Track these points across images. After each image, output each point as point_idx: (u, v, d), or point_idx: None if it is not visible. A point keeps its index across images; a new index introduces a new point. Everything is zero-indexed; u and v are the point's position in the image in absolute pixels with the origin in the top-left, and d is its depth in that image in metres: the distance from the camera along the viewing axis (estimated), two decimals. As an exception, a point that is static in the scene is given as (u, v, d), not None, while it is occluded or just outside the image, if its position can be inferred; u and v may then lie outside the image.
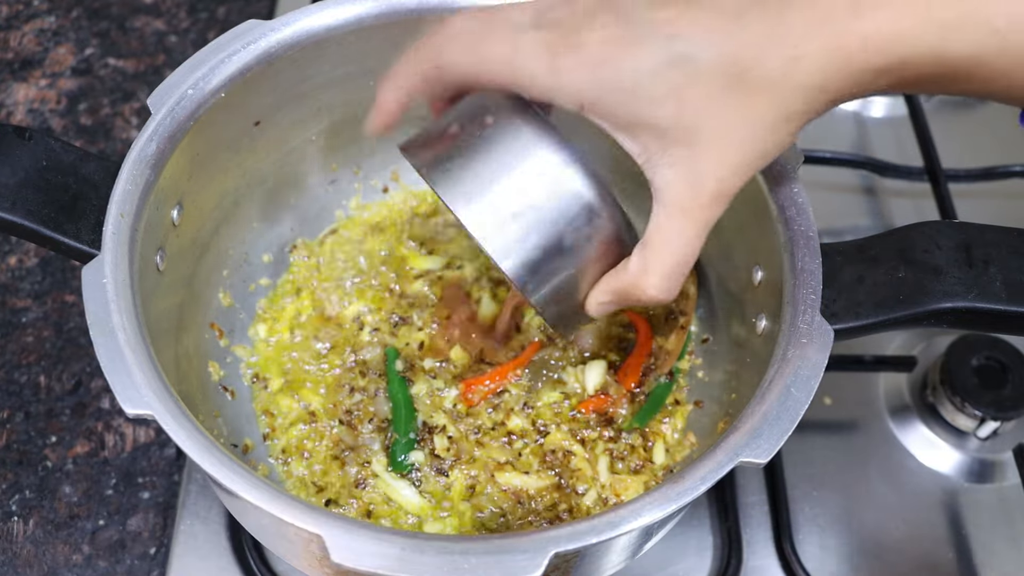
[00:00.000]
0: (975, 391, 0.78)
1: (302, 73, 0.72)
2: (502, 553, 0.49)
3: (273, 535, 0.62)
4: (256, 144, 0.74)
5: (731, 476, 0.75)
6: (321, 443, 0.73)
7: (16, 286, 0.89)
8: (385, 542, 0.49)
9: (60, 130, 1.01)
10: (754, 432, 0.54)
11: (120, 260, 0.57)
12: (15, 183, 0.58)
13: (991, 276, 0.59)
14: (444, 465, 0.71)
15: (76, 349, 0.85)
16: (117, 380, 0.52)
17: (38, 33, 1.09)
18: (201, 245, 0.72)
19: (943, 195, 0.91)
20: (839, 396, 0.83)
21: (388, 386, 0.75)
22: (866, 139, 1.02)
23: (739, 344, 0.71)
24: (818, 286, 0.59)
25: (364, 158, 0.84)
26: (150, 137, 0.62)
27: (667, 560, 0.74)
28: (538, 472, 0.71)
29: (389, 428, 0.73)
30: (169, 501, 0.78)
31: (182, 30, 1.11)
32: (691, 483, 0.52)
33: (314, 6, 0.70)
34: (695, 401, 0.76)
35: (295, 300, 0.80)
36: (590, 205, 0.54)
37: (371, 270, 0.82)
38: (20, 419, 0.82)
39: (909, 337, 0.87)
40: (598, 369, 0.76)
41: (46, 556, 0.75)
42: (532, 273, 0.55)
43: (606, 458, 0.72)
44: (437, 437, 0.72)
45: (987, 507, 0.78)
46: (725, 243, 0.74)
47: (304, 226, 0.83)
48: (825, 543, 0.76)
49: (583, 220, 0.54)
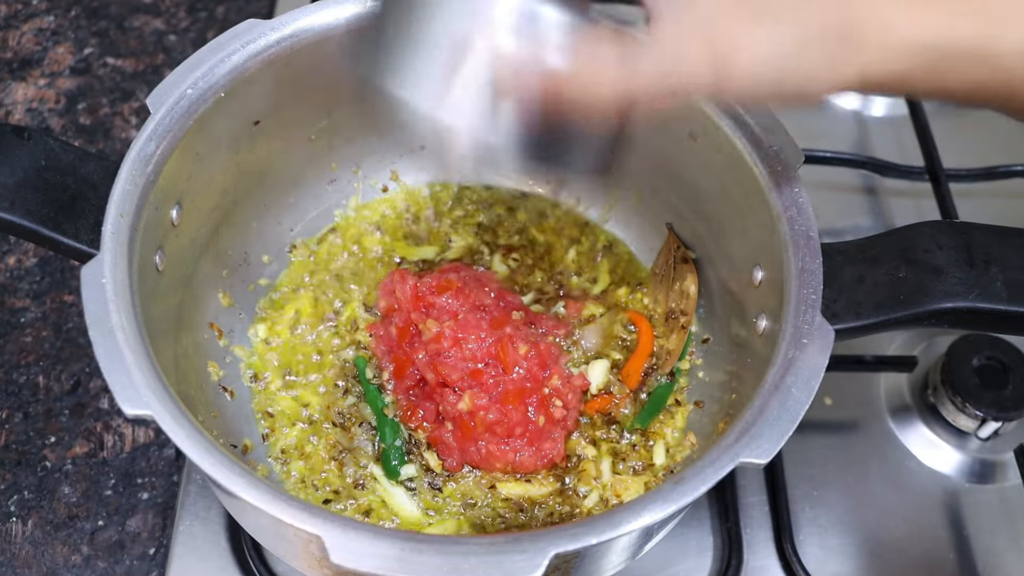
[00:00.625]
0: (976, 391, 0.78)
1: (301, 73, 0.72)
2: (502, 553, 0.49)
3: (272, 536, 0.61)
4: (255, 144, 0.73)
5: (732, 476, 0.74)
6: (320, 444, 0.72)
7: (15, 286, 0.89)
8: (384, 542, 0.49)
9: (59, 130, 1.01)
10: (755, 432, 0.54)
11: (119, 260, 0.57)
12: (14, 183, 0.58)
13: (992, 276, 0.59)
14: (438, 481, 0.71)
15: (75, 349, 0.85)
16: (116, 380, 0.52)
17: (37, 32, 1.09)
18: (200, 245, 0.72)
19: (944, 195, 0.91)
20: (840, 396, 0.83)
21: (365, 395, 0.75)
22: (867, 139, 1.02)
23: (740, 344, 0.71)
24: (819, 286, 0.59)
25: (363, 158, 0.84)
26: (149, 137, 0.62)
27: (667, 561, 0.73)
28: (541, 481, 0.71)
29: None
30: (168, 502, 0.78)
31: (181, 29, 1.11)
32: (691, 483, 0.52)
33: (313, 5, 0.70)
34: (696, 401, 0.75)
35: (294, 300, 0.80)
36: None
37: (370, 270, 0.82)
38: (19, 419, 0.81)
39: (910, 337, 0.87)
40: (601, 368, 0.76)
41: (45, 557, 0.75)
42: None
43: (609, 459, 0.72)
44: (428, 454, 0.72)
45: (988, 508, 0.78)
46: (726, 243, 0.73)
47: (303, 226, 0.83)
48: (826, 543, 0.76)
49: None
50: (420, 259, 0.83)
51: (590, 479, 0.71)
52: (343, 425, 0.74)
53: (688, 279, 0.78)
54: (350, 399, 0.75)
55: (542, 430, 0.70)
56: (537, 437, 0.70)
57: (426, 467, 0.72)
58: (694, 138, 0.71)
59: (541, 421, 0.70)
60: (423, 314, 0.73)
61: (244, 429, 0.72)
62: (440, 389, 0.71)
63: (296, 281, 0.81)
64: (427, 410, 0.73)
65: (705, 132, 0.69)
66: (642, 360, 0.77)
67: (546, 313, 0.79)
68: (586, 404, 0.75)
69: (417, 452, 0.72)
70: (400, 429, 0.73)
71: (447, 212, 0.86)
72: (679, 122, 0.71)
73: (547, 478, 0.71)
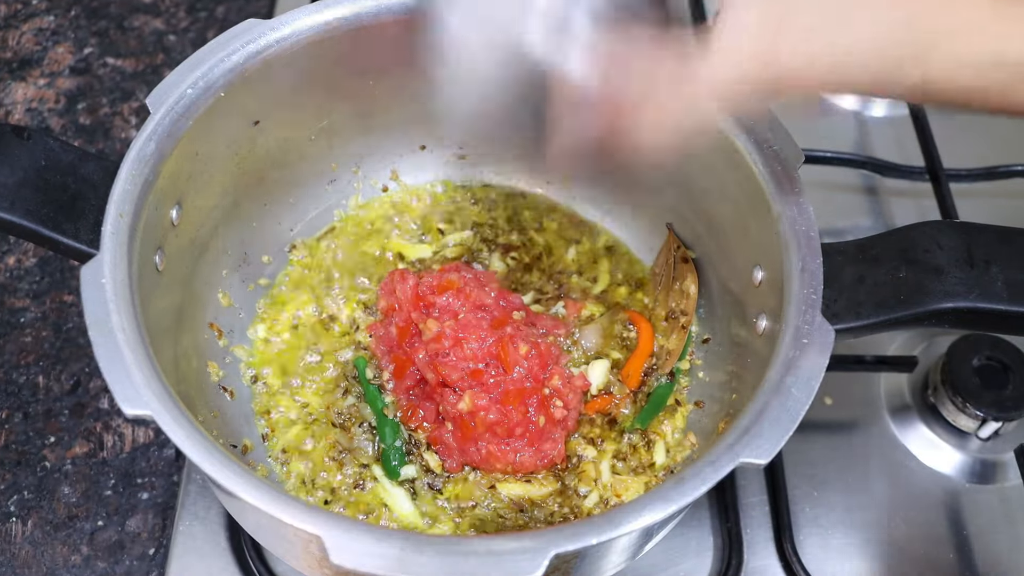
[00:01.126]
0: (976, 391, 0.78)
1: (301, 72, 0.71)
2: (502, 553, 0.49)
3: (272, 536, 0.61)
4: (255, 143, 0.73)
5: (732, 476, 0.74)
6: (320, 444, 0.72)
7: (15, 286, 0.89)
8: (384, 543, 0.49)
9: (59, 129, 1.01)
10: (755, 432, 0.54)
11: (119, 260, 0.57)
12: (14, 183, 0.58)
13: (992, 276, 0.59)
14: (438, 482, 0.71)
15: (75, 349, 0.85)
16: (116, 380, 0.52)
17: (37, 32, 1.09)
18: (200, 245, 0.72)
19: (944, 195, 0.91)
20: (840, 396, 0.83)
21: (365, 395, 0.75)
22: (867, 139, 1.02)
23: (740, 344, 0.71)
24: (819, 286, 0.59)
25: (363, 158, 0.84)
26: (149, 136, 0.62)
27: (668, 561, 0.73)
28: (541, 481, 0.71)
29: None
30: (168, 502, 0.78)
31: (181, 29, 1.11)
32: (691, 484, 0.52)
33: (313, 5, 0.70)
34: (696, 401, 0.75)
35: (294, 300, 0.79)
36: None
37: (370, 269, 0.82)
38: (19, 419, 0.81)
39: (910, 337, 0.87)
40: (601, 369, 0.76)
41: (45, 557, 0.75)
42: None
43: (609, 459, 0.72)
44: (428, 454, 0.72)
45: (988, 508, 0.78)
46: (726, 243, 0.73)
47: (303, 226, 0.83)
48: (826, 543, 0.76)
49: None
50: (418, 258, 0.83)
51: (590, 479, 0.71)
52: (343, 425, 0.73)
53: (688, 279, 0.77)
54: (350, 399, 0.75)
55: (543, 430, 0.70)
56: (537, 438, 0.70)
57: (426, 467, 0.71)
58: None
59: (541, 421, 0.70)
60: (423, 314, 0.73)
61: (244, 429, 0.72)
62: (440, 389, 0.71)
63: (296, 281, 0.81)
64: (427, 410, 0.73)
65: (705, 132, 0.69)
66: (642, 360, 0.77)
67: (546, 313, 0.79)
68: (586, 404, 0.75)
69: (417, 453, 0.72)
70: (400, 429, 0.73)
71: (447, 211, 0.86)
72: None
73: (547, 478, 0.71)
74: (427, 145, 0.85)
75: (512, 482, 0.71)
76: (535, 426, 0.70)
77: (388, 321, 0.76)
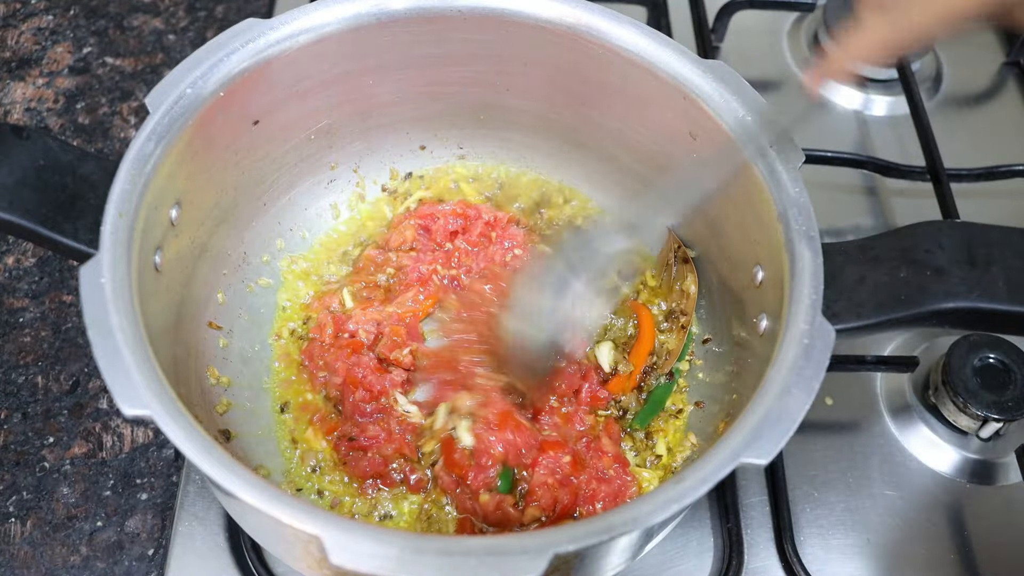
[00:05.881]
0: (977, 391, 0.78)
1: (301, 72, 0.71)
2: (502, 553, 0.49)
3: (272, 536, 0.61)
4: (255, 143, 0.73)
5: (732, 477, 0.74)
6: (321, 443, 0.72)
7: (14, 286, 0.89)
8: (384, 543, 0.49)
9: (58, 129, 1.01)
10: (755, 433, 0.54)
11: (118, 260, 0.57)
12: (13, 182, 0.58)
13: (993, 276, 0.58)
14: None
15: (74, 349, 0.85)
16: (115, 380, 0.52)
17: (36, 32, 1.09)
18: (199, 245, 0.72)
19: (945, 194, 0.91)
20: (840, 396, 0.83)
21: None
22: (868, 138, 1.02)
23: (740, 344, 0.71)
24: (819, 286, 0.59)
25: (363, 157, 0.84)
26: (148, 136, 0.62)
27: (668, 561, 0.73)
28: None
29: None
30: (167, 502, 0.78)
31: (180, 29, 1.11)
32: (692, 484, 0.52)
33: (312, 5, 0.70)
34: (696, 402, 0.75)
35: (294, 299, 0.79)
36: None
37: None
38: (18, 420, 0.81)
39: (911, 337, 0.86)
40: (608, 347, 0.77)
41: (44, 557, 0.75)
42: None
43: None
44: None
45: (989, 508, 0.78)
46: (726, 243, 0.73)
47: (303, 225, 0.83)
48: (826, 544, 0.76)
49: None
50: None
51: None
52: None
53: (688, 279, 0.77)
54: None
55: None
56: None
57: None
58: (694, 137, 0.71)
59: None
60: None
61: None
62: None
63: (296, 279, 0.81)
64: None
65: (705, 132, 0.69)
66: (646, 348, 0.77)
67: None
68: (606, 384, 0.75)
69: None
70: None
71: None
72: (680, 120, 0.71)
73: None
74: (427, 145, 0.85)
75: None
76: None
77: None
